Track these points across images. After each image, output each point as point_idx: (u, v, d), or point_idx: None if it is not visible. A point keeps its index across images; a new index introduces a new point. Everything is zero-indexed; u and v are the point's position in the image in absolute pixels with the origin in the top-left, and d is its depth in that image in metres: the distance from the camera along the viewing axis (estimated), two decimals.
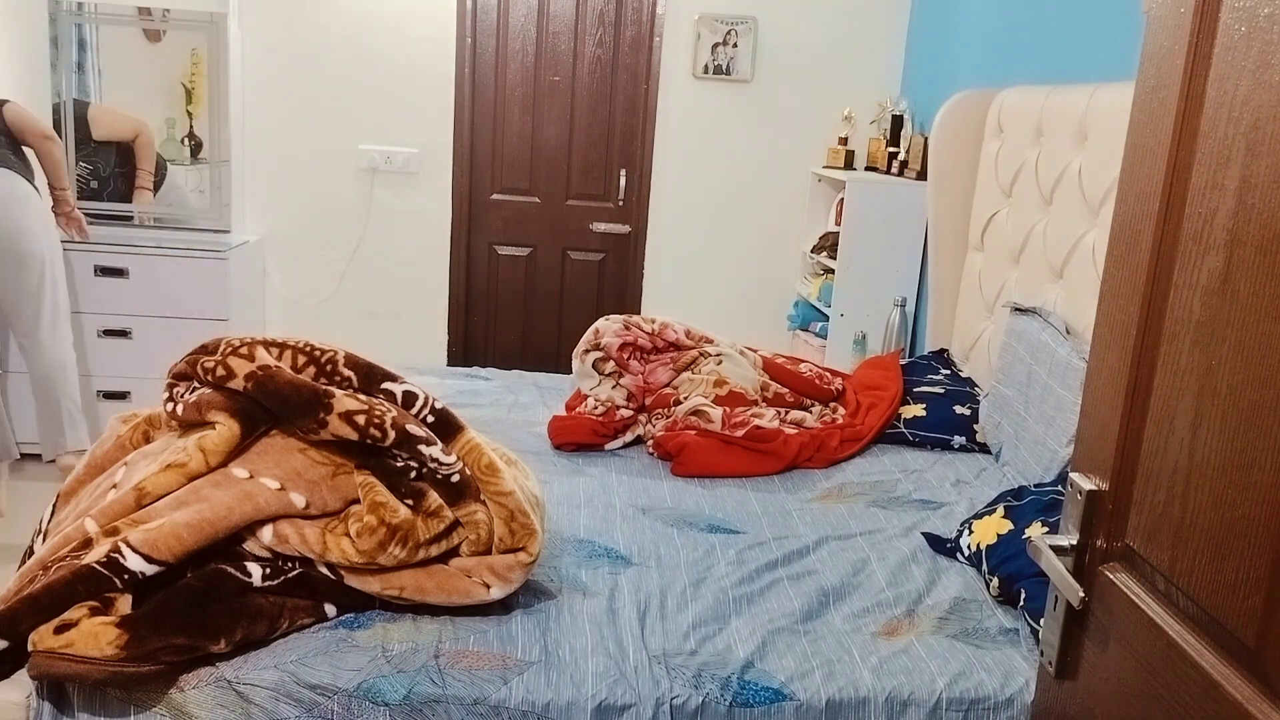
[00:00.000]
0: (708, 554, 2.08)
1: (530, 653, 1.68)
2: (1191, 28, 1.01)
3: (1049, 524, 1.92)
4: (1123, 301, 1.11)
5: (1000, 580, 1.93)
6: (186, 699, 1.56)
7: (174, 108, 3.97)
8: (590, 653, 1.70)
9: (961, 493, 2.50)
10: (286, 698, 1.56)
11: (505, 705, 1.58)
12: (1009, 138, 3.07)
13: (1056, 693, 1.22)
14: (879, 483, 2.54)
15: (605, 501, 2.33)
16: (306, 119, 4.10)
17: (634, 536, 2.15)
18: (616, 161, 4.27)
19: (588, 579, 1.95)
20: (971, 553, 2.06)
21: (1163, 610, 1.01)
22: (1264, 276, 0.88)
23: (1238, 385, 0.91)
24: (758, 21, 4.10)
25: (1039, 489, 2.14)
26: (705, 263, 4.35)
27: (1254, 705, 0.87)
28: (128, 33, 3.90)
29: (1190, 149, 1.01)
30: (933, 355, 3.37)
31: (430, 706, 1.57)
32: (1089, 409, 1.19)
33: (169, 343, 3.73)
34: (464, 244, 4.30)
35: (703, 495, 2.41)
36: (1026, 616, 1.84)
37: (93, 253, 3.68)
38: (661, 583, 1.95)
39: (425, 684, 1.59)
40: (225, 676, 1.58)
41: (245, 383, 1.78)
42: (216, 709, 1.56)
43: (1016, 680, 1.71)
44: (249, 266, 4.04)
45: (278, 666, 1.60)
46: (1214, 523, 0.94)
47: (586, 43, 4.15)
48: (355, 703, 1.57)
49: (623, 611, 1.83)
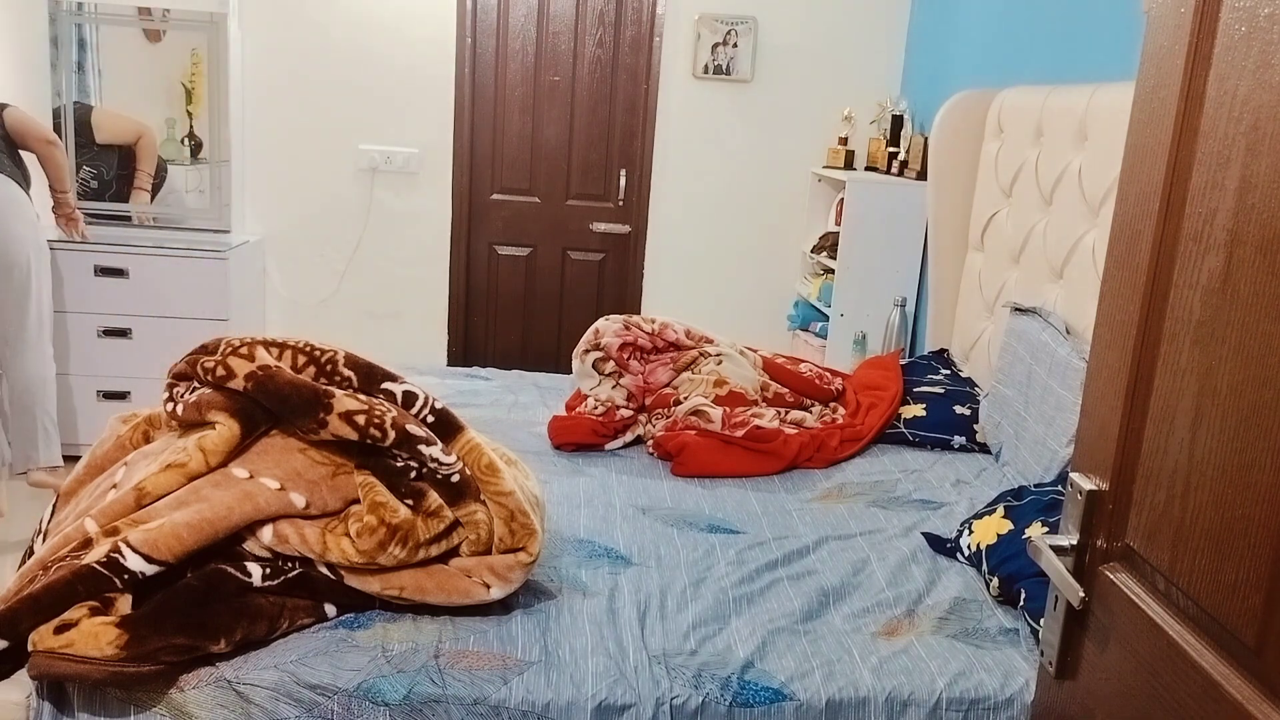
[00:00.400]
0: (708, 554, 2.08)
1: (530, 653, 1.68)
2: (1191, 28, 1.01)
3: (1049, 524, 1.92)
4: (1123, 301, 1.11)
5: (1000, 580, 1.93)
6: (187, 699, 1.56)
7: (174, 108, 3.97)
8: (590, 653, 1.70)
9: (961, 493, 2.50)
10: (286, 698, 1.56)
11: (505, 705, 1.58)
12: (1009, 138, 3.07)
13: (1056, 693, 1.22)
14: (879, 483, 2.54)
15: (605, 501, 2.33)
16: (306, 119, 4.10)
17: (634, 536, 2.15)
18: (616, 161, 4.27)
19: (588, 579, 1.95)
20: (971, 553, 2.06)
21: (1163, 610, 1.01)
22: (1264, 276, 0.88)
23: (1238, 385, 0.91)
24: (758, 21, 4.10)
25: (1039, 489, 2.14)
26: (705, 263, 4.35)
27: (1254, 705, 0.87)
28: (128, 33, 3.90)
29: (1190, 149, 1.01)
30: (933, 355, 3.37)
31: (430, 706, 1.57)
32: (1089, 409, 1.19)
33: (169, 343, 3.73)
34: (464, 244, 4.30)
35: (703, 495, 2.41)
36: (1027, 616, 1.84)
37: (93, 253, 3.67)
38: (661, 583, 1.95)
39: (425, 684, 1.59)
40: (225, 676, 1.58)
41: (245, 383, 1.78)
42: (216, 709, 1.56)
43: (1016, 680, 1.71)
44: (249, 266, 4.04)
45: (278, 666, 1.60)
46: (1214, 523, 0.94)
47: (586, 43, 4.15)
48: (355, 703, 1.57)
49: (623, 611, 1.83)
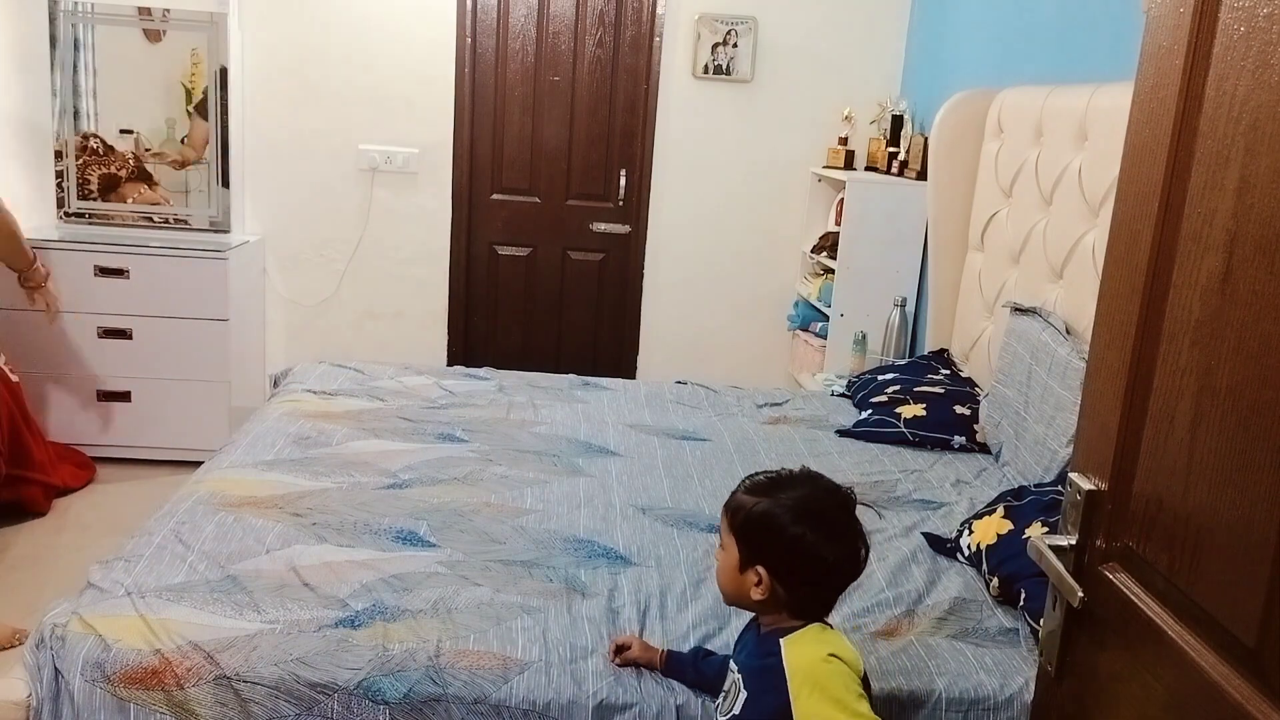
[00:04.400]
0: (707, 554, 2.08)
1: (530, 652, 1.68)
2: (1191, 27, 1.00)
3: (1049, 524, 1.92)
4: (1122, 301, 1.11)
5: (1000, 580, 1.93)
6: (187, 696, 1.56)
7: (174, 108, 3.96)
8: (590, 652, 1.70)
9: (961, 493, 2.50)
10: (286, 695, 1.56)
11: (506, 704, 1.58)
12: (1009, 138, 3.07)
13: (1056, 692, 1.22)
14: (879, 483, 2.54)
15: (605, 501, 2.33)
16: (306, 119, 4.10)
17: (634, 536, 2.16)
18: (616, 161, 4.27)
19: (587, 579, 1.95)
20: (971, 553, 2.06)
21: (1162, 610, 1.01)
22: (1264, 276, 0.88)
23: (1238, 385, 0.91)
24: (758, 21, 4.10)
25: (1039, 489, 2.14)
26: (705, 263, 4.35)
27: (1254, 705, 0.87)
28: (127, 33, 3.90)
29: (1189, 149, 1.01)
30: (933, 355, 3.37)
31: (430, 706, 1.57)
32: (1089, 409, 1.19)
33: (169, 343, 3.73)
34: (464, 244, 4.29)
35: (702, 495, 2.41)
36: (1026, 616, 1.84)
37: (93, 253, 3.67)
38: (661, 583, 1.95)
39: (425, 683, 1.59)
40: (225, 674, 1.58)
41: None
42: (216, 707, 1.56)
43: (1016, 680, 1.71)
44: (249, 266, 4.04)
45: (278, 664, 1.60)
46: (1214, 523, 0.94)
47: (586, 43, 4.15)
48: (355, 701, 1.56)
49: (623, 611, 1.83)
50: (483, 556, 2.01)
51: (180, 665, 1.59)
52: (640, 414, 3.02)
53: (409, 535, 2.10)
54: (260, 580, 1.86)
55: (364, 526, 2.12)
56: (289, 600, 1.80)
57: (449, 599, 1.83)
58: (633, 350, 4.44)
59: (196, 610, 1.75)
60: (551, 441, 2.71)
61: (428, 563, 1.97)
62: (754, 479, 1.50)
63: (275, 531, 2.06)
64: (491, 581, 1.91)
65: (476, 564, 1.98)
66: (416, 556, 2.00)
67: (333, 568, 1.93)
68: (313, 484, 2.32)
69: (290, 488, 2.28)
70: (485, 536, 2.11)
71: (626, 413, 3.02)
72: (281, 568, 1.92)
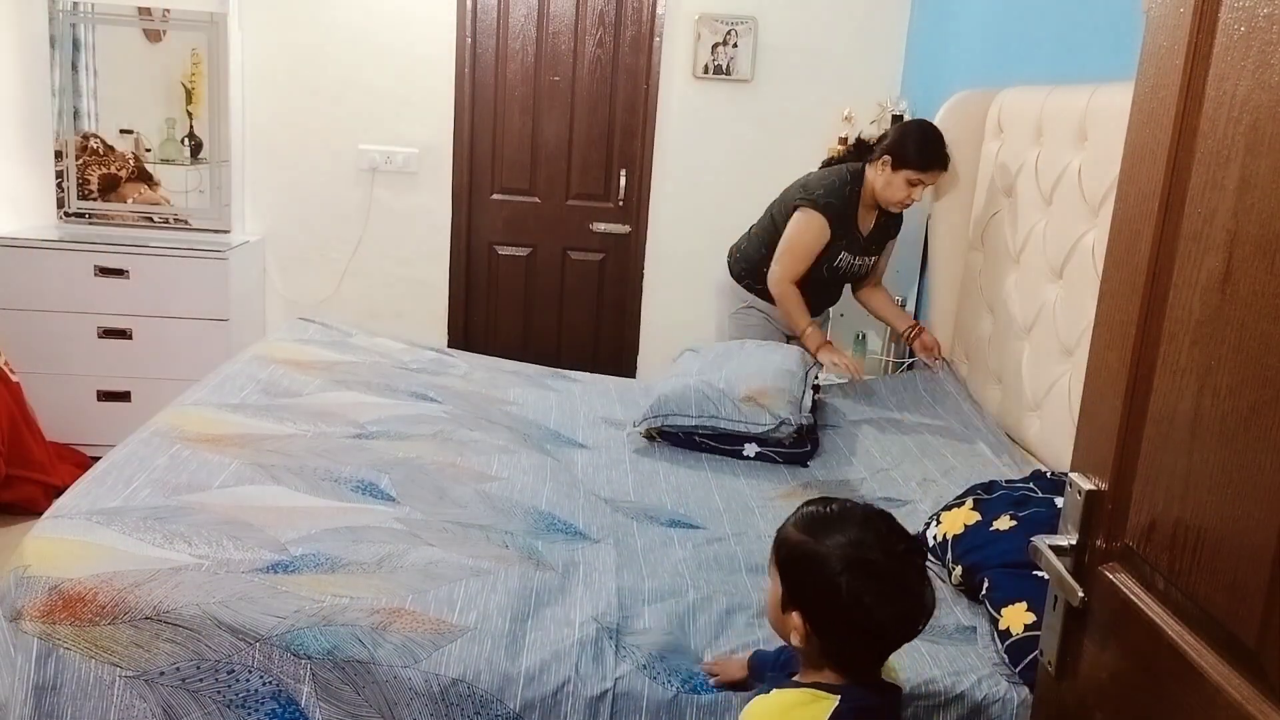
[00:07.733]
0: (666, 544, 2.04)
1: (467, 618, 1.60)
2: (1191, 27, 1.00)
3: (1019, 518, 1.91)
4: (1122, 301, 1.11)
5: (964, 569, 1.92)
6: (100, 634, 1.48)
7: (174, 108, 3.96)
8: (526, 621, 1.63)
9: (927, 491, 2.46)
10: (206, 639, 1.49)
11: (435, 673, 1.51)
12: (1009, 138, 3.07)
13: (1056, 692, 1.22)
14: (845, 481, 2.51)
15: (569, 481, 2.28)
16: (306, 119, 4.10)
17: (594, 519, 2.10)
18: (616, 161, 4.27)
19: (544, 549, 1.89)
20: (936, 543, 2.05)
21: (1162, 610, 1.01)
22: (1264, 276, 0.88)
23: (1238, 385, 0.91)
24: (758, 21, 4.10)
25: (1010, 484, 2.14)
26: (705, 263, 4.33)
27: (1254, 705, 0.87)
28: (127, 33, 3.90)
29: (1190, 149, 1.01)
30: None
31: (354, 666, 1.49)
32: (1089, 409, 1.18)
33: (169, 343, 3.73)
34: (464, 244, 4.29)
35: (665, 490, 2.37)
36: (988, 605, 1.81)
37: (93, 253, 3.67)
38: (619, 560, 1.90)
39: (351, 642, 1.51)
40: (141, 611, 1.50)
41: None
42: (131, 647, 1.48)
43: (969, 677, 1.66)
44: (249, 266, 4.04)
45: (198, 604, 1.52)
46: (1213, 522, 0.93)
47: (586, 43, 4.15)
48: (276, 652, 1.48)
49: (575, 587, 1.77)
50: (441, 517, 1.95)
51: (93, 597, 1.49)
52: (611, 408, 2.95)
53: (369, 487, 2.02)
54: (201, 514, 1.77)
55: (325, 473, 2.03)
56: (226, 538, 1.71)
57: (397, 556, 1.76)
58: (632, 350, 4.44)
59: (124, 536, 1.66)
60: (522, 423, 2.65)
61: (384, 517, 1.90)
62: (807, 510, 1.34)
63: (230, 469, 1.98)
64: (444, 543, 1.84)
65: (435, 524, 1.91)
66: (373, 510, 1.93)
67: (283, 512, 1.84)
68: (277, 428, 2.23)
69: (253, 429, 2.20)
70: (447, 497, 2.04)
71: (598, 406, 2.95)
72: (228, 503, 1.83)
